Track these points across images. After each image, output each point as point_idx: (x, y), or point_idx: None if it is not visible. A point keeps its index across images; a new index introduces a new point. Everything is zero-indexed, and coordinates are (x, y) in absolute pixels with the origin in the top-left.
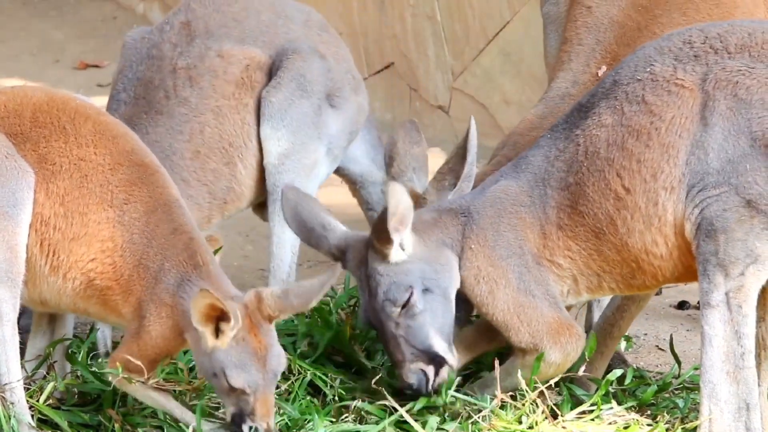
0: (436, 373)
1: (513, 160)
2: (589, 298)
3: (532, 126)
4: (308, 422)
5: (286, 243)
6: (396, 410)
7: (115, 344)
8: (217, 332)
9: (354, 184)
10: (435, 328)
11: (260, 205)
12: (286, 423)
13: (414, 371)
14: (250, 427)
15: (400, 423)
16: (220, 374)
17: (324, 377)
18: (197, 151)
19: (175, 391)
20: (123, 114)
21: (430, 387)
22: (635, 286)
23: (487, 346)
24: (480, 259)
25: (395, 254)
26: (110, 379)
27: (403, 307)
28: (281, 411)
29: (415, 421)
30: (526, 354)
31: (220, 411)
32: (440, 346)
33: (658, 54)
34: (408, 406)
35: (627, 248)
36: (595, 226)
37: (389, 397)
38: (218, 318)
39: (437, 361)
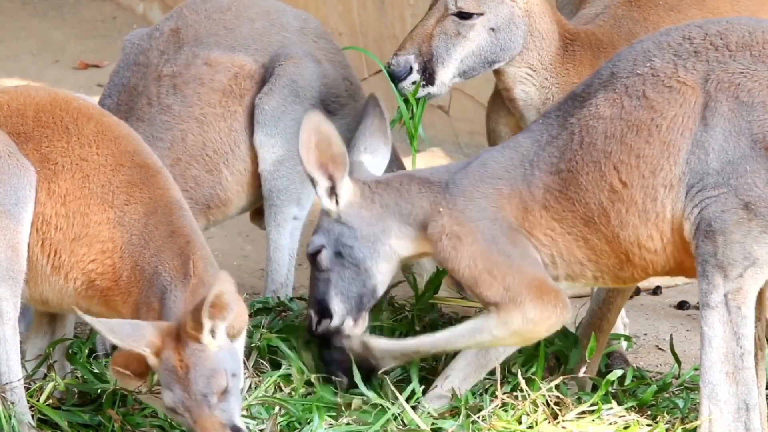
0: (318, 322)
1: (504, 141)
2: (569, 287)
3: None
4: (308, 422)
5: (284, 247)
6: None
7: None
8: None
9: None
10: (336, 290)
11: (257, 212)
12: (287, 423)
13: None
14: None
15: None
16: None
17: (324, 377)
18: (178, 158)
19: None
20: None
21: (313, 329)
22: (622, 278)
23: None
24: (445, 219)
25: (324, 201)
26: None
27: (313, 259)
28: (282, 411)
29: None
30: (501, 309)
31: None
32: (334, 307)
33: (657, 49)
34: (405, 395)
35: (618, 240)
36: (585, 214)
37: (375, 393)
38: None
39: (322, 315)
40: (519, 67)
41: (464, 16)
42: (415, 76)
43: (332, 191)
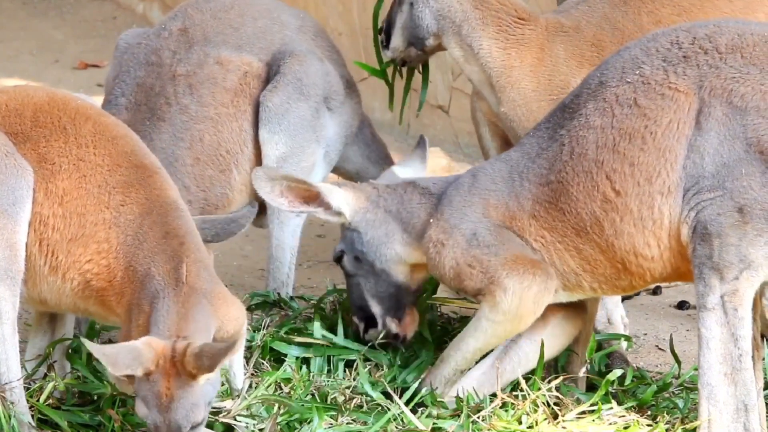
0: (365, 330)
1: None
2: (568, 298)
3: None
4: (308, 422)
5: (286, 246)
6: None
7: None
8: None
9: (351, 180)
10: (369, 293)
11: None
12: (287, 423)
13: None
14: None
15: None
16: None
17: (325, 376)
18: (197, 158)
19: None
20: (124, 120)
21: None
22: (620, 287)
23: None
24: (433, 229)
25: (332, 219)
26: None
27: (339, 265)
28: (282, 410)
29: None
30: (486, 294)
31: (221, 415)
32: (373, 309)
33: (646, 55)
34: (405, 398)
35: (612, 249)
36: (577, 224)
37: (372, 396)
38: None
39: (367, 320)
40: (452, 48)
41: None
42: (382, 36)
43: (329, 208)
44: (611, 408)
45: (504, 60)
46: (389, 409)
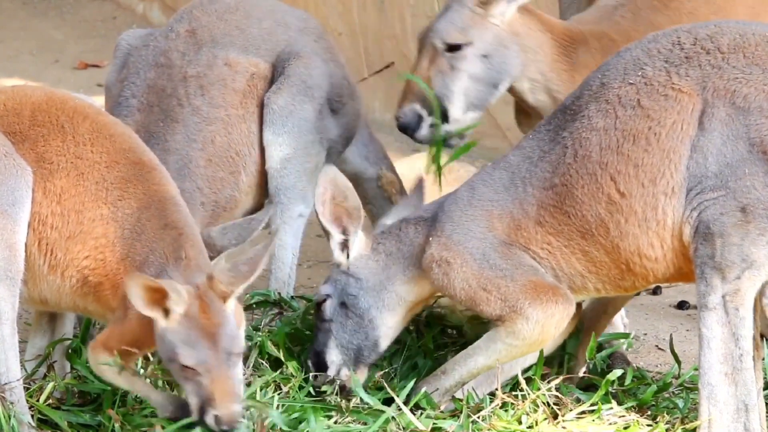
0: (315, 375)
1: (494, 161)
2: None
3: (586, 21)
4: (306, 422)
5: (288, 245)
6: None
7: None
8: (167, 314)
9: (349, 180)
10: (336, 341)
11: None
12: (285, 422)
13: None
14: (215, 417)
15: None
16: (173, 356)
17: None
18: (209, 160)
19: (164, 382)
20: (137, 121)
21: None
22: (623, 287)
23: None
24: (434, 247)
25: (335, 253)
26: (89, 362)
27: (318, 308)
28: (267, 414)
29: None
30: (506, 321)
31: None
32: (331, 358)
33: (647, 56)
34: (402, 398)
35: (617, 250)
36: (582, 227)
37: (372, 401)
38: (164, 299)
39: (318, 365)
40: (521, 82)
41: (453, 48)
42: (429, 119)
43: (344, 244)
44: (611, 408)
45: (571, 84)
46: (387, 411)
